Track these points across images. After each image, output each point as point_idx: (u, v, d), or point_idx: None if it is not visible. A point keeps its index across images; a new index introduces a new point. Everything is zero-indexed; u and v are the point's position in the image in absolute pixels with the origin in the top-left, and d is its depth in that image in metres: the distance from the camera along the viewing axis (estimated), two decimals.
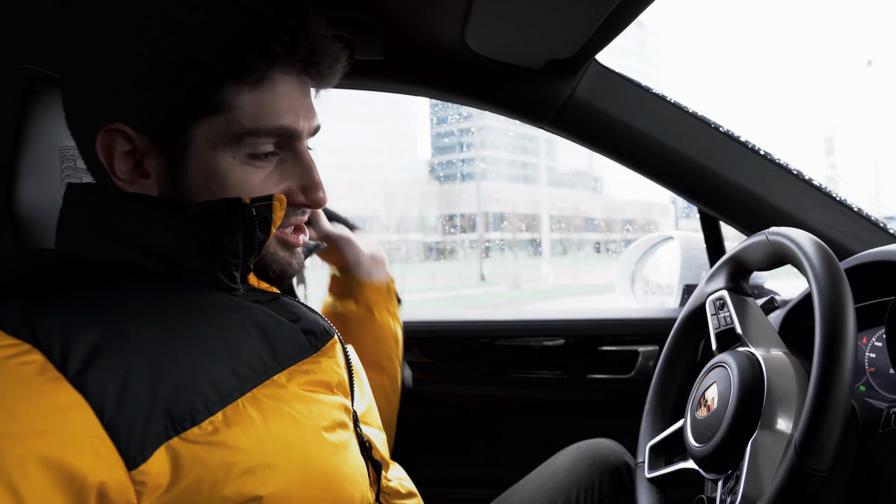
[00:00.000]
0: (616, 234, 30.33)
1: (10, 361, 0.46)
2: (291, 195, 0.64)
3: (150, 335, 0.52)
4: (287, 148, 0.63)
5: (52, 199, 0.76)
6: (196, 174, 0.60)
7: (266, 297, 0.65)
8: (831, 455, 0.59)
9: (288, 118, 0.61)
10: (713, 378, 0.80)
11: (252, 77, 0.58)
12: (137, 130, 0.59)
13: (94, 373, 0.48)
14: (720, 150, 1.10)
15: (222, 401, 0.53)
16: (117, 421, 0.47)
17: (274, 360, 0.59)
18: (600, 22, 0.86)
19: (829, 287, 0.66)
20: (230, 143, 0.59)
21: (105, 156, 0.59)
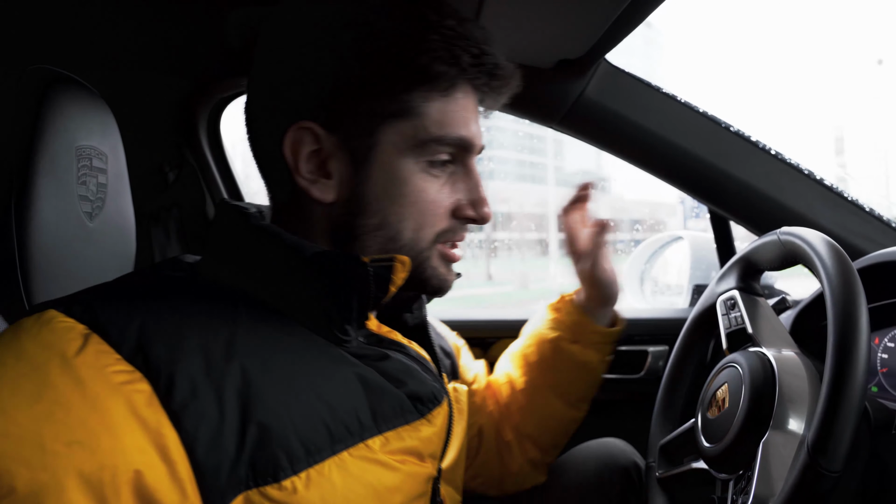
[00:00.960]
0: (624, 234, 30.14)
1: (123, 387, 0.46)
2: (460, 209, 0.64)
3: (249, 379, 0.51)
4: (459, 161, 0.64)
5: (69, 198, 0.77)
6: (379, 177, 0.60)
7: (376, 353, 0.63)
8: (843, 456, 0.59)
9: (468, 130, 0.63)
10: (724, 378, 0.80)
11: (442, 85, 0.60)
12: (327, 130, 0.59)
13: (192, 412, 0.47)
14: (730, 150, 1.10)
15: (309, 459, 0.52)
16: (205, 464, 0.47)
17: (372, 420, 0.58)
18: (611, 22, 0.87)
19: (841, 287, 0.66)
20: (414, 149, 0.60)
21: (291, 154, 0.60)
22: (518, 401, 0.98)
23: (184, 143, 1.39)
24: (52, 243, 0.75)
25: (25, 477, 0.42)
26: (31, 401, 0.44)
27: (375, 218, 0.61)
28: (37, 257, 0.73)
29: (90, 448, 0.44)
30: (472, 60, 0.60)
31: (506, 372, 1.02)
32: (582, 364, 0.94)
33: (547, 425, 0.97)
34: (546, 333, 0.96)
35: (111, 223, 0.84)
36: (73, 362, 0.46)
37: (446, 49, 0.59)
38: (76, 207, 0.78)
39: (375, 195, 0.61)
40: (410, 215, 0.61)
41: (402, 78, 0.58)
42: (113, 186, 0.85)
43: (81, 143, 0.79)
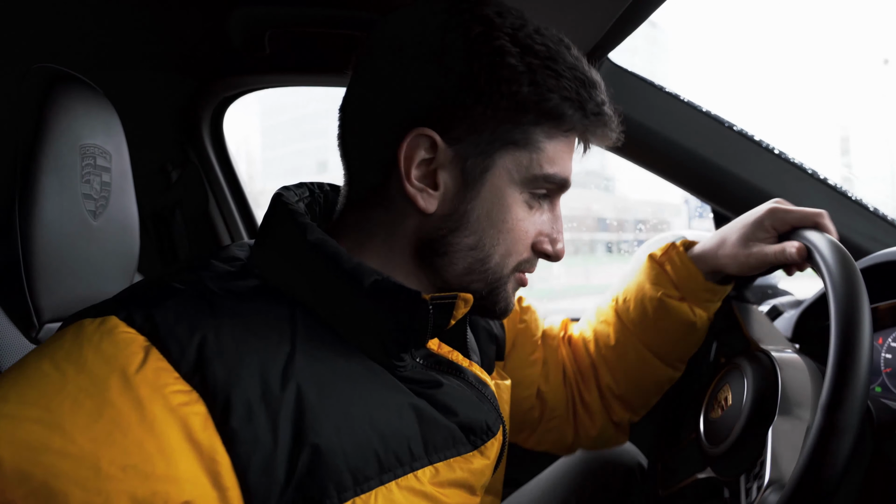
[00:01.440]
0: (628, 233, 30.08)
1: (180, 409, 0.47)
2: (540, 243, 0.65)
3: (304, 405, 0.51)
4: (549, 199, 0.65)
5: (73, 197, 0.77)
6: (485, 199, 0.60)
7: (430, 378, 0.62)
8: (845, 459, 0.59)
9: (569, 173, 0.64)
10: (727, 379, 0.80)
11: (564, 127, 0.60)
12: (446, 143, 0.58)
13: (246, 437, 0.48)
14: (734, 149, 1.10)
15: (356, 488, 0.52)
16: (256, 490, 0.47)
17: (423, 450, 0.57)
18: (613, 20, 0.86)
19: (844, 286, 0.65)
20: (524, 181, 0.61)
21: (406, 158, 0.58)
22: (608, 359, 0.93)
23: (187, 141, 1.40)
24: (56, 242, 0.75)
25: (79, 499, 0.43)
26: (90, 420, 0.45)
27: (472, 238, 0.61)
28: (40, 255, 0.73)
29: (144, 474, 0.44)
30: (595, 109, 0.61)
31: (591, 328, 0.97)
32: (689, 324, 0.87)
33: (641, 385, 0.92)
34: (648, 288, 0.88)
35: (115, 222, 0.85)
36: (133, 381, 0.46)
37: (576, 93, 0.59)
38: (80, 206, 0.78)
39: (478, 216, 0.60)
40: (504, 241, 0.62)
41: (532, 111, 0.58)
42: (117, 185, 0.85)
43: (85, 141, 0.79)
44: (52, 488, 0.43)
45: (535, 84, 0.58)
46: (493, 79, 0.57)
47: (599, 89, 0.61)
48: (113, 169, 0.84)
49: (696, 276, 0.86)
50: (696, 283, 0.86)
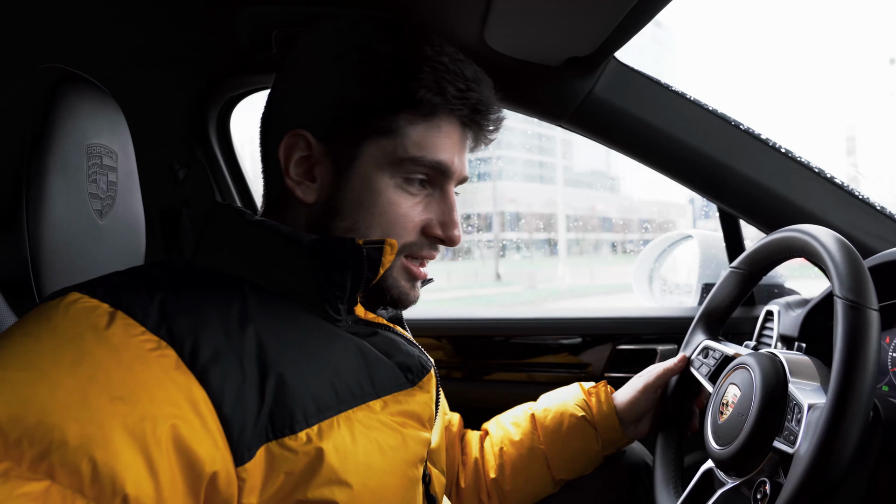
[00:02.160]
0: (633, 234, 30.09)
1: (151, 353, 0.51)
2: (430, 227, 0.70)
3: (264, 344, 0.57)
4: (436, 184, 0.70)
5: (79, 196, 0.78)
6: (355, 186, 0.67)
7: (366, 330, 0.69)
8: (847, 461, 0.59)
9: (445, 155, 0.68)
10: (734, 379, 0.80)
11: (425, 111, 0.66)
12: (317, 139, 0.67)
13: (216, 373, 0.52)
14: (740, 148, 1.09)
15: (320, 415, 0.58)
16: (232, 418, 0.52)
17: (371, 387, 0.64)
18: (620, 19, 0.86)
19: (851, 283, 0.65)
20: (391, 165, 0.67)
21: (284, 157, 0.67)
22: (505, 453, 0.98)
23: (194, 141, 1.40)
24: (63, 241, 0.76)
25: (75, 430, 0.46)
26: (72, 367, 0.48)
27: (347, 222, 0.67)
28: (48, 255, 0.74)
29: (131, 402, 0.48)
30: (456, 94, 0.67)
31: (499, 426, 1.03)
32: (589, 448, 0.96)
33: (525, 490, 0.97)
34: (572, 409, 0.97)
35: (121, 221, 0.85)
36: (104, 333, 0.51)
37: (434, 80, 0.66)
38: (87, 205, 0.79)
39: (350, 201, 0.67)
40: (378, 224, 0.67)
41: (392, 100, 0.66)
42: (123, 184, 0.85)
43: (92, 140, 0.79)
44: (47, 424, 0.45)
45: (393, 76, 0.65)
46: (356, 79, 0.66)
47: (462, 76, 0.67)
48: (119, 168, 0.84)
49: (613, 417, 0.96)
50: (611, 423, 0.96)
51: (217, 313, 0.57)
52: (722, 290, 0.97)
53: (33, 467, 0.44)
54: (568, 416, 0.96)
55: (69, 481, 0.45)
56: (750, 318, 1.22)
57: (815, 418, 0.64)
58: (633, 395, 0.96)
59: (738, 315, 1.26)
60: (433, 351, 1.46)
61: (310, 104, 0.68)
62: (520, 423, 1.00)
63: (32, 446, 0.44)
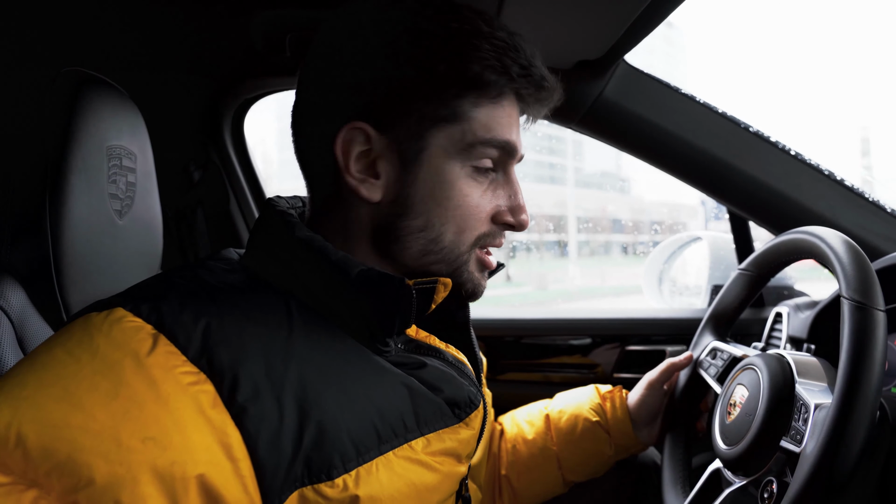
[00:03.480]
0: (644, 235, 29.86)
1: (190, 388, 0.49)
2: (500, 214, 0.66)
3: (306, 382, 0.54)
4: (501, 168, 0.66)
5: (100, 196, 0.79)
6: (426, 180, 0.62)
7: (415, 361, 0.65)
8: (853, 464, 0.59)
9: (512, 135, 0.64)
10: (741, 380, 0.80)
11: (492, 93, 0.62)
12: (378, 131, 0.61)
13: (254, 413, 0.50)
14: (749, 150, 1.10)
15: (359, 458, 0.55)
16: (266, 462, 0.50)
17: (415, 423, 0.61)
18: (629, 23, 0.87)
19: (858, 285, 0.66)
20: (461, 153, 0.62)
21: (342, 153, 0.61)
22: (517, 451, 0.99)
23: (209, 142, 1.42)
24: (84, 240, 0.77)
25: (103, 470, 0.45)
26: (107, 398, 0.47)
27: (420, 219, 0.62)
28: (69, 253, 0.76)
29: (163, 445, 0.46)
30: (520, 71, 0.62)
31: (513, 420, 1.03)
32: (601, 452, 0.95)
33: (534, 489, 0.98)
34: (587, 413, 0.96)
35: (140, 221, 0.87)
36: (144, 362, 0.49)
37: (497, 59, 0.60)
38: (107, 205, 0.80)
39: (421, 197, 0.62)
40: (453, 218, 0.63)
41: (454, 84, 0.60)
42: (141, 185, 0.87)
43: (112, 142, 0.81)
44: (77, 461, 0.44)
45: (453, 58, 0.59)
46: (412, 63, 0.60)
47: (523, 53, 0.62)
48: (138, 169, 0.86)
49: (626, 422, 0.95)
50: (624, 427, 0.95)
51: (260, 343, 0.54)
52: (730, 291, 0.98)
53: (61, 499, 0.44)
54: (582, 419, 0.96)
55: None
56: (759, 320, 1.22)
57: (821, 418, 0.65)
58: (640, 394, 0.96)
59: (747, 316, 1.26)
60: None
61: (363, 94, 0.61)
62: (534, 422, 1.00)
63: (61, 480, 0.44)
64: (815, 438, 0.63)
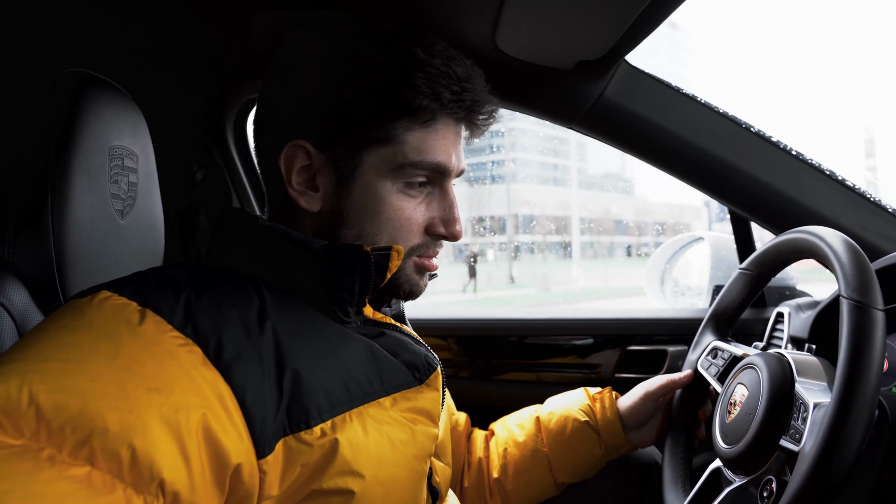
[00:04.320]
0: (648, 236, 29.91)
1: (181, 349, 0.54)
2: (433, 226, 0.72)
3: (280, 341, 0.59)
4: (436, 183, 0.72)
5: (102, 196, 0.80)
6: (359, 194, 0.68)
7: (374, 331, 0.70)
8: (850, 463, 0.59)
9: (443, 156, 0.70)
10: (742, 379, 0.80)
11: (423, 117, 0.67)
12: (317, 149, 0.68)
13: (239, 370, 0.55)
14: (751, 150, 1.09)
15: (333, 410, 0.60)
16: (254, 413, 0.54)
17: (381, 384, 0.66)
18: (630, 23, 0.87)
19: (856, 284, 0.66)
20: (392, 172, 0.68)
21: (285, 167, 0.69)
22: (509, 454, 1.00)
23: (211, 143, 1.43)
24: (86, 239, 0.78)
25: (115, 418, 0.48)
26: (109, 359, 0.51)
27: (354, 230, 0.69)
28: (71, 252, 0.76)
29: (165, 393, 0.50)
30: (451, 97, 0.68)
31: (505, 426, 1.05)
32: (591, 452, 0.97)
33: (526, 491, 0.99)
34: (576, 413, 0.98)
35: (141, 221, 0.87)
36: (137, 329, 0.53)
37: (429, 86, 0.66)
38: (108, 205, 0.81)
39: (356, 210, 0.68)
40: (386, 230, 0.69)
41: (388, 109, 0.66)
42: (143, 185, 0.87)
43: (114, 143, 0.82)
44: (89, 413, 0.47)
45: (388, 85, 0.66)
46: (350, 88, 0.66)
47: (455, 79, 0.68)
48: (139, 170, 0.87)
49: (616, 423, 0.97)
50: (614, 428, 0.97)
51: (237, 312, 0.59)
52: (731, 291, 0.98)
53: (74, 454, 0.46)
54: (572, 420, 0.98)
55: (108, 467, 0.46)
56: (761, 320, 1.22)
57: (819, 417, 0.65)
58: (634, 401, 0.97)
59: (749, 316, 1.26)
60: (440, 351, 1.48)
61: (306, 114, 0.68)
62: (524, 425, 1.01)
63: (74, 433, 0.46)
64: (813, 437, 0.64)
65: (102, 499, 0.45)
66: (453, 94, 0.68)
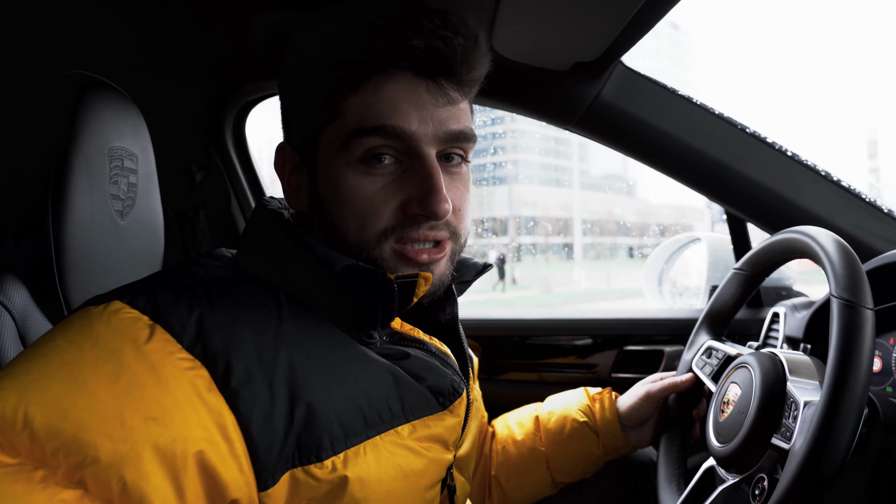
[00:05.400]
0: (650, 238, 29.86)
1: (187, 373, 0.52)
2: (407, 205, 0.62)
3: (296, 366, 0.56)
4: (409, 155, 0.62)
5: (101, 197, 0.81)
6: (323, 182, 0.64)
7: (398, 352, 0.66)
8: (840, 460, 0.60)
9: (395, 119, 0.60)
10: (735, 378, 0.81)
11: (352, 82, 0.60)
12: (292, 147, 0.68)
13: (246, 396, 0.53)
14: (746, 152, 1.10)
15: (347, 441, 0.57)
16: (259, 442, 0.52)
17: (401, 409, 0.63)
18: (624, 24, 0.88)
19: (846, 283, 0.66)
20: (341, 149, 0.61)
21: (279, 171, 0.69)
22: (507, 452, 1.00)
23: (211, 144, 1.44)
24: (86, 240, 0.78)
25: (108, 448, 0.46)
26: (110, 381, 0.49)
27: (325, 221, 0.65)
28: (71, 253, 0.77)
29: (163, 424, 0.49)
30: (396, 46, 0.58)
31: (505, 424, 1.05)
32: (589, 452, 0.97)
33: (523, 490, 0.99)
34: (575, 413, 0.98)
35: (141, 221, 0.88)
36: (143, 349, 0.51)
37: (362, 39, 0.59)
38: (108, 206, 0.82)
39: (324, 199, 0.64)
40: (350, 216, 0.62)
41: (323, 85, 0.62)
42: (143, 186, 0.88)
43: (114, 144, 0.82)
44: (82, 440, 0.46)
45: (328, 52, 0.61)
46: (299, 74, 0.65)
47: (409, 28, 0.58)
48: (139, 171, 0.87)
49: (615, 423, 0.97)
50: (613, 428, 0.97)
51: (252, 331, 0.56)
52: (725, 291, 0.98)
53: (68, 477, 0.46)
54: (570, 420, 0.98)
55: (100, 493, 0.46)
56: (757, 320, 1.22)
57: (810, 415, 0.66)
58: (634, 401, 0.97)
59: (746, 317, 1.26)
60: None
61: (283, 115, 0.69)
62: (524, 424, 1.01)
63: (67, 459, 0.46)
64: (803, 435, 0.64)
65: None
66: (399, 43, 0.58)
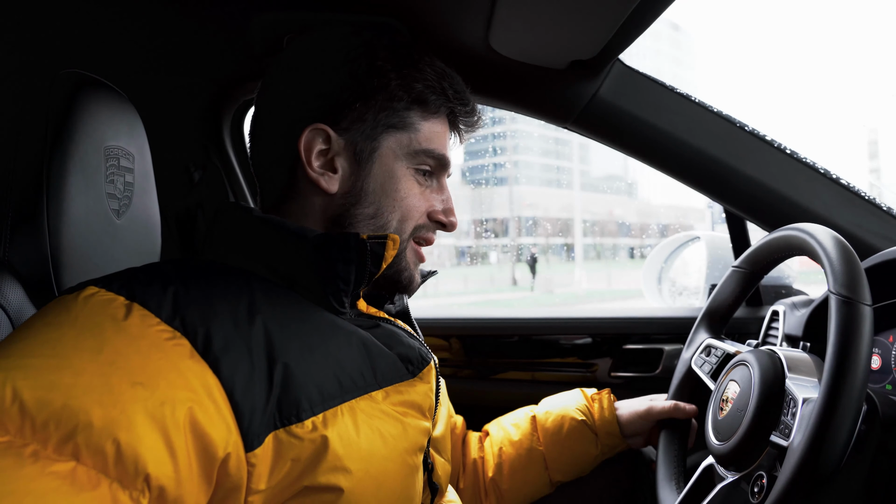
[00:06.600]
0: (651, 238, 29.86)
1: (167, 342, 0.54)
2: (434, 213, 0.77)
3: (271, 335, 0.59)
4: (435, 176, 0.78)
5: (97, 196, 0.81)
6: (378, 175, 0.73)
7: (368, 323, 0.72)
8: (837, 458, 0.60)
9: (446, 150, 0.78)
10: (734, 376, 0.81)
11: (431, 109, 0.75)
12: (337, 133, 0.72)
13: (227, 362, 0.55)
14: (745, 149, 1.10)
15: (324, 404, 0.60)
16: (243, 405, 0.54)
17: (373, 377, 0.67)
18: (621, 22, 0.87)
19: (844, 280, 0.66)
20: (408, 156, 0.74)
21: (305, 150, 0.72)
22: (504, 453, 1.01)
23: (209, 144, 1.44)
24: (82, 239, 0.78)
25: (99, 413, 0.48)
26: (93, 353, 0.51)
27: (370, 208, 0.73)
28: (67, 251, 0.77)
29: (150, 387, 0.50)
30: (454, 94, 0.76)
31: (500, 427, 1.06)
32: (587, 451, 0.98)
33: (522, 490, 1.00)
34: (573, 413, 1.00)
35: (137, 221, 0.88)
36: (122, 324, 0.53)
37: (437, 81, 0.75)
38: (104, 205, 0.82)
39: (373, 189, 0.73)
40: (398, 208, 0.73)
41: (403, 98, 0.73)
42: (139, 185, 0.88)
43: (110, 143, 0.82)
44: (73, 407, 0.47)
45: (402, 76, 0.73)
46: (369, 77, 0.72)
47: (456, 80, 0.77)
48: (136, 170, 0.87)
49: (613, 423, 0.99)
50: (611, 429, 0.99)
51: (226, 304, 0.59)
52: (724, 289, 0.98)
53: (59, 449, 0.46)
54: (569, 419, 0.99)
55: (93, 462, 0.46)
56: (757, 319, 1.22)
57: (808, 411, 0.65)
58: (634, 415, 0.99)
59: (745, 315, 1.26)
60: (440, 351, 1.48)
61: (327, 100, 0.72)
62: (520, 425, 1.02)
63: (58, 428, 0.46)
64: (801, 432, 0.64)
65: (87, 494, 0.45)
66: (456, 92, 0.76)
